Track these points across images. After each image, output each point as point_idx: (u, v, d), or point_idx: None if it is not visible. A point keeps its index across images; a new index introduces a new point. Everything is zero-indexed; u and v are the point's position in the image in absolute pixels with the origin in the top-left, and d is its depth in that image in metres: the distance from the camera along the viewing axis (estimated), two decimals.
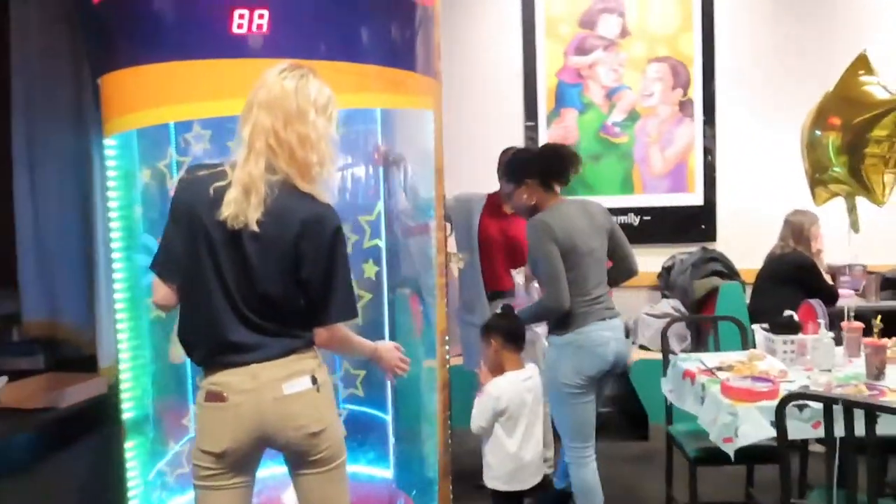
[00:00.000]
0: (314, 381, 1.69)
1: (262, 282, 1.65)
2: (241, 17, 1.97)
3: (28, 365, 3.93)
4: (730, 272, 4.43)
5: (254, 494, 1.81)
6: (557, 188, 2.76)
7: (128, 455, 2.37)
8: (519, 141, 4.60)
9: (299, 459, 1.71)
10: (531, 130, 4.69)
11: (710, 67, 4.65)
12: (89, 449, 2.77)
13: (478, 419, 2.50)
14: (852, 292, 4.19)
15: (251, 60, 2.04)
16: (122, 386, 2.39)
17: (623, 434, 4.19)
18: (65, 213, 3.75)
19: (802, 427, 2.21)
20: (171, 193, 1.94)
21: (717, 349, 3.17)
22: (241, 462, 1.69)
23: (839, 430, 1.97)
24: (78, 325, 3.79)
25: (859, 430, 1.92)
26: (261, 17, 1.97)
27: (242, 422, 1.65)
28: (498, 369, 2.55)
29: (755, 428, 2.23)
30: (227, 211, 1.60)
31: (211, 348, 1.68)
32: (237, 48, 2.03)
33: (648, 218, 4.71)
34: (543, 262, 2.59)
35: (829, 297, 3.59)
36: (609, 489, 3.24)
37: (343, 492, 1.79)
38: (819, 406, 2.04)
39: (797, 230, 3.81)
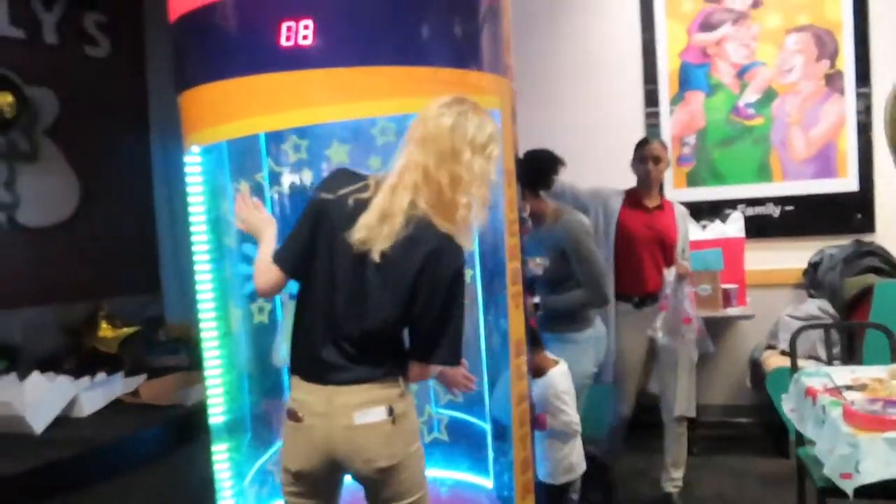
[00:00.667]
0: (390, 412, 1.62)
1: (371, 309, 1.62)
2: (290, 29, 1.96)
3: (173, 363, 4.32)
4: (890, 268, 3.84)
5: None
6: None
7: (217, 458, 2.47)
8: (639, 129, 4.30)
9: (371, 491, 1.67)
10: (652, 117, 4.37)
11: (863, 33, 4.05)
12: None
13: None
14: None
15: (311, 72, 2.03)
16: (210, 392, 2.48)
17: (759, 449, 3.79)
18: None
19: None
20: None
21: (861, 361, 2.75)
22: (317, 484, 1.67)
23: None
24: None
25: None
26: (306, 27, 1.95)
27: (316, 446, 1.63)
28: (540, 371, 2.63)
29: (881, 464, 1.89)
30: (358, 234, 1.58)
31: (302, 359, 1.70)
32: (293, 61, 2.02)
33: (791, 208, 4.22)
34: (595, 261, 2.74)
35: None
36: None
37: None
38: None
39: None
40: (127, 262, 4.69)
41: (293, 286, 2.67)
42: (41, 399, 3.24)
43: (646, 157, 3.03)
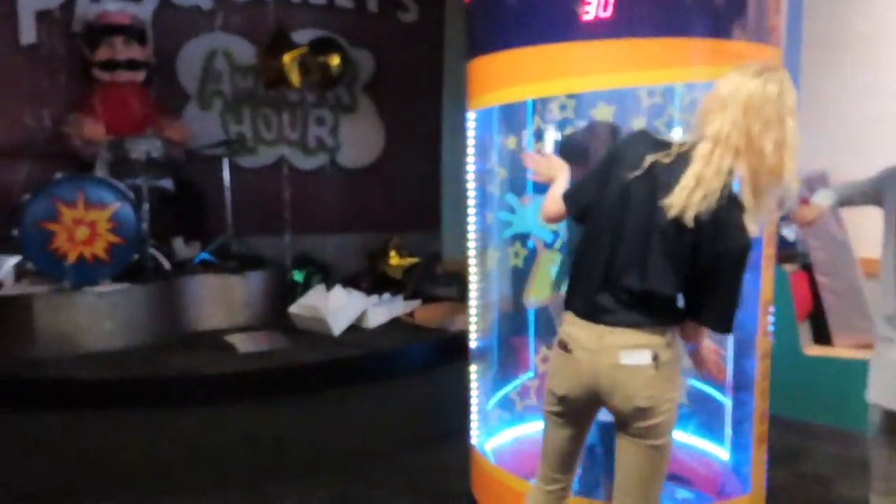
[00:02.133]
0: (655, 357, 1.69)
1: (657, 270, 1.67)
2: (587, 3, 2.09)
3: (445, 293, 4.87)
4: None
5: None
6: None
7: (471, 377, 2.81)
8: None
9: (624, 425, 1.78)
10: None
11: None
12: (465, 366, 3.33)
13: None
14: None
15: (597, 42, 2.15)
16: (470, 320, 2.83)
17: None
18: None
19: None
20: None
21: None
22: (578, 409, 1.83)
23: None
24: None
25: None
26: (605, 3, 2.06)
27: (581, 377, 1.75)
28: None
29: None
30: (672, 199, 1.62)
31: (577, 298, 1.80)
32: (584, 32, 2.14)
33: None
34: None
35: None
36: None
37: (655, 471, 1.76)
38: None
39: None
40: (416, 203, 5.35)
41: (548, 235, 2.91)
42: (341, 308, 3.93)
43: None
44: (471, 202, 2.83)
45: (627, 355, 1.68)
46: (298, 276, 4.58)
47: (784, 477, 3.11)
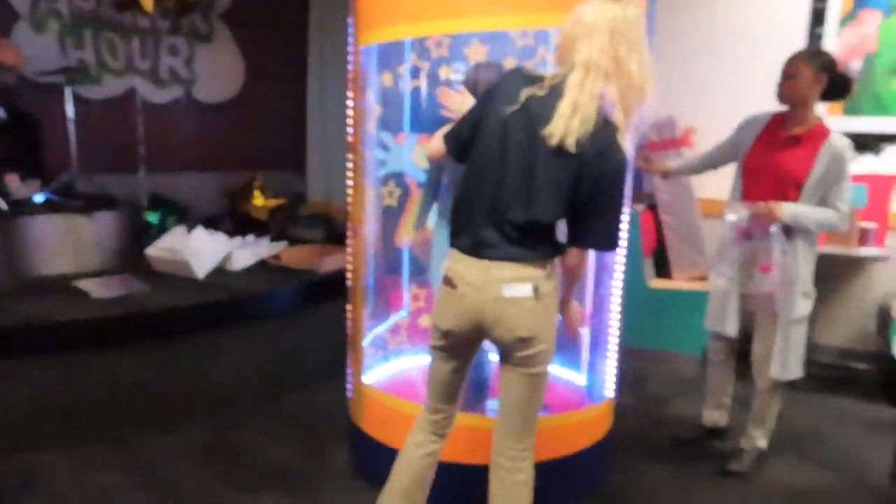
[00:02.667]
0: (535, 290, 1.75)
1: (541, 198, 1.71)
2: None
3: (311, 236, 4.80)
4: None
5: None
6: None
7: (348, 316, 2.83)
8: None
9: (506, 356, 1.86)
10: (815, 39, 4.06)
11: None
12: (336, 307, 3.33)
13: None
14: None
15: None
16: (348, 259, 2.82)
17: (870, 395, 3.67)
18: (342, 115, 4.39)
19: None
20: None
21: None
22: (462, 343, 1.90)
23: None
24: (345, 205, 4.51)
25: None
26: None
27: (466, 311, 1.80)
28: None
29: None
30: (551, 129, 1.67)
31: (462, 235, 1.83)
32: None
33: None
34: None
35: None
36: (832, 451, 3.02)
37: (534, 398, 1.85)
38: None
39: None
40: (279, 141, 5.17)
41: (421, 175, 2.94)
42: (203, 249, 3.77)
43: (783, 73, 2.63)
44: (352, 140, 2.78)
45: (509, 288, 1.74)
46: (153, 216, 4.31)
47: (630, 399, 3.44)
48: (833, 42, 4.04)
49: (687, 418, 3.21)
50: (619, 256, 2.56)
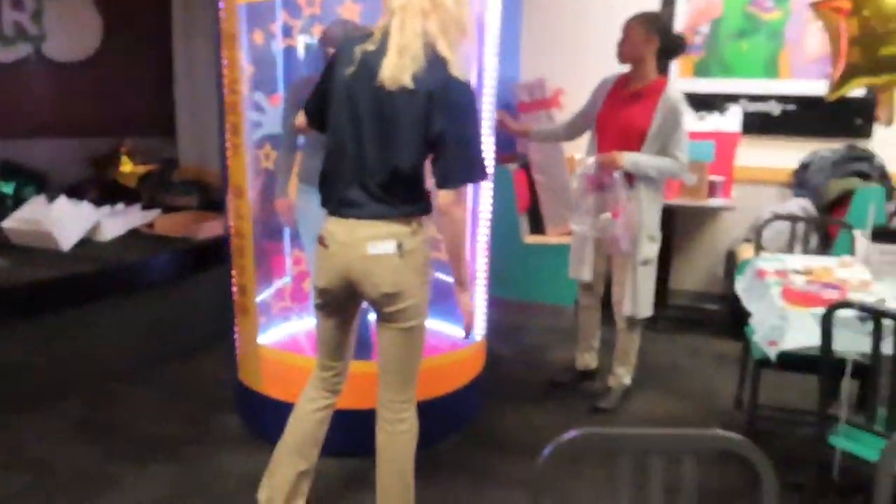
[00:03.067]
0: (399, 246, 1.81)
1: (399, 146, 1.77)
2: None
3: (185, 203, 4.62)
4: (877, 175, 3.97)
5: None
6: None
7: (233, 282, 2.79)
8: None
9: (378, 313, 1.91)
10: (668, 5, 4.34)
11: None
12: (215, 275, 3.25)
13: None
14: None
15: None
16: (230, 223, 2.76)
17: (719, 332, 4.08)
18: (213, 76, 4.21)
19: (862, 341, 2.06)
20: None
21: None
22: (338, 300, 1.93)
23: (888, 348, 1.85)
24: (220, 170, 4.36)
25: None
26: None
27: (336, 269, 1.86)
28: None
29: (804, 335, 2.11)
30: (385, 74, 1.72)
31: (331, 197, 1.90)
32: None
33: (793, 107, 4.27)
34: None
35: None
36: (688, 383, 3.32)
37: (411, 353, 1.92)
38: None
39: None
40: (145, 103, 4.89)
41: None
42: (67, 220, 3.56)
43: (621, 34, 2.86)
44: (229, 101, 2.70)
45: (373, 245, 1.80)
46: (6, 187, 4.00)
47: (507, 349, 3.65)
48: (683, 9, 4.35)
49: (563, 364, 3.45)
50: (486, 205, 2.69)
